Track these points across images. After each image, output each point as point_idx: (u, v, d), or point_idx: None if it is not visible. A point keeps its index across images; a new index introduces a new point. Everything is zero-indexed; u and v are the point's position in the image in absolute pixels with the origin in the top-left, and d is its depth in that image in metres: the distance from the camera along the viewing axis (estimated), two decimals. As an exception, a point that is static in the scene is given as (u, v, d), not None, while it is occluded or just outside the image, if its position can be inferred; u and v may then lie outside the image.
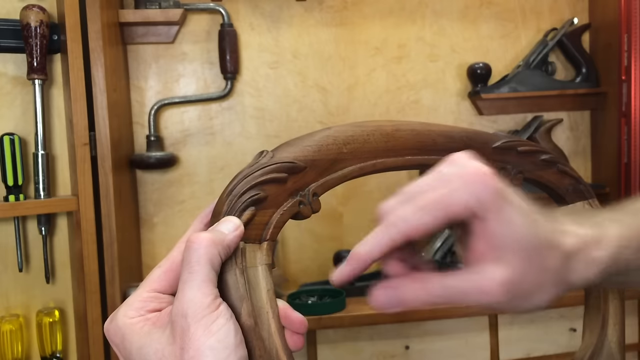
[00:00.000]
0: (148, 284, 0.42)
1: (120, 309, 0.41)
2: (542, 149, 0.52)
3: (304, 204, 0.45)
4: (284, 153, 0.44)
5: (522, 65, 1.44)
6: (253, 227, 0.42)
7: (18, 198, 1.14)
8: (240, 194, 0.42)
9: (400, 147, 0.48)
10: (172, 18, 1.28)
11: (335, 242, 1.43)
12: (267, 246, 0.43)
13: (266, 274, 0.42)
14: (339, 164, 0.46)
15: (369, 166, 0.47)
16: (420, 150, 0.49)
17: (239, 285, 0.40)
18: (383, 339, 1.28)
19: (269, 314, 0.41)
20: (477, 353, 1.31)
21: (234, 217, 0.42)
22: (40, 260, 1.22)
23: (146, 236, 1.38)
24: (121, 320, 0.40)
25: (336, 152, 0.46)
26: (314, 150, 0.45)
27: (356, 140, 0.47)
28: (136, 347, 0.39)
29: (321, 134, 0.46)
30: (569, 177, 0.52)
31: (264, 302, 0.41)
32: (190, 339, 0.36)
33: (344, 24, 1.44)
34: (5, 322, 1.17)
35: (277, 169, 0.43)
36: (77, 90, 1.12)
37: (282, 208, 0.44)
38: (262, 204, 0.43)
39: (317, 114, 1.43)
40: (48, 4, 1.19)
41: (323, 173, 0.45)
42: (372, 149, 0.47)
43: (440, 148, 0.49)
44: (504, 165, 0.50)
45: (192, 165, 1.39)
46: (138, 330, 0.39)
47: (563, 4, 1.51)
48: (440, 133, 0.49)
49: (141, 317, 0.40)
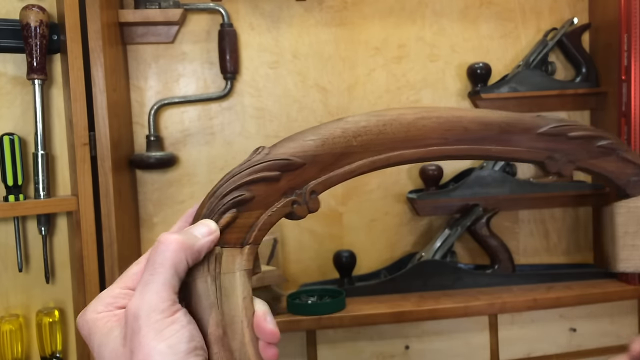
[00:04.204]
0: (122, 281, 0.42)
1: (91, 303, 0.40)
2: (599, 134, 0.45)
3: (299, 203, 0.42)
4: (281, 149, 0.42)
5: (522, 65, 1.44)
6: (234, 230, 0.40)
7: (18, 198, 1.14)
8: (223, 195, 0.41)
9: (422, 137, 0.43)
10: (172, 18, 1.28)
11: (335, 242, 1.43)
12: (249, 250, 0.40)
13: (244, 280, 0.39)
14: (345, 158, 0.42)
15: (383, 160, 0.43)
16: (447, 140, 0.43)
17: (209, 293, 0.38)
18: (383, 339, 1.28)
19: (243, 323, 0.39)
20: (477, 353, 1.31)
21: (210, 221, 0.41)
22: (40, 260, 1.22)
23: (146, 236, 1.38)
24: (89, 315, 0.39)
25: (344, 146, 0.42)
26: (316, 144, 0.42)
27: (370, 131, 0.43)
28: (97, 344, 0.38)
29: (329, 126, 0.43)
30: (633, 165, 0.45)
31: (238, 310, 0.39)
32: (140, 343, 0.35)
33: (344, 24, 1.44)
34: (5, 322, 1.17)
35: (268, 167, 0.41)
36: (76, 90, 1.12)
37: (272, 209, 0.41)
38: (246, 205, 0.40)
39: (317, 114, 1.43)
40: (48, 4, 1.19)
41: (326, 169, 0.42)
42: (389, 140, 0.43)
43: (471, 137, 0.43)
44: (551, 154, 0.44)
45: (192, 165, 1.39)
46: (101, 327, 0.38)
47: (563, 4, 1.51)
48: (473, 119, 0.43)
49: (109, 312, 0.39)
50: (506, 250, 1.40)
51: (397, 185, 1.46)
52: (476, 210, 1.38)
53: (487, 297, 1.30)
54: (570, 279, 1.40)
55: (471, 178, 1.38)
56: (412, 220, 1.47)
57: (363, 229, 1.45)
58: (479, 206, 1.38)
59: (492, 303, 1.28)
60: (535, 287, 1.36)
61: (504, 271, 1.39)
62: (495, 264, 1.40)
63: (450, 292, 1.35)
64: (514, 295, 1.31)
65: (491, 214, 1.39)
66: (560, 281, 1.40)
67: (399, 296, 1.33)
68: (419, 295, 1.34)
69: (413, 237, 1.48)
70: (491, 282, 1.38)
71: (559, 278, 1.40)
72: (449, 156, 0.44)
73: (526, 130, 0.43)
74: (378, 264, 1.45)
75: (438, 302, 1.28)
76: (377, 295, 1.34)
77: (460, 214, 1.41)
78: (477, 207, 1.38)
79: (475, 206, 1.38)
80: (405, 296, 1.33)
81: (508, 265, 1.39)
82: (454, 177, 1.44)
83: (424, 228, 1.48)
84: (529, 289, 1.35)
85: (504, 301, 1.28)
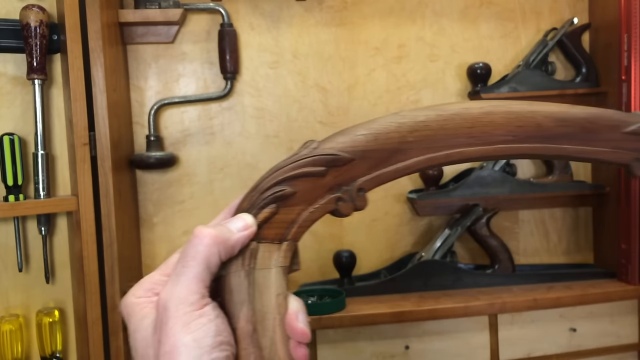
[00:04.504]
0: (163, 268, 0.42)
1: (133, 287, 0.41)
2: None
3: (344, 200, 0.40)
4: (330, 143, 0.39)
5: (522, 65, 1.44)
6: (273, 226, 0.39)
7: (18, 198, 1.14)
8: (264, 189, 0.39)
9: (488, 134, 0.39)
10: (172, 18, 1.28)
11: (335, 242, 1.43)
12: (287, 247, 0.39)
13: (279, 277, 0.39)
14: (399, 154, 0.40)
15: (441, 157, 0.40)
16: (517, 136, 0.40)
17: (241, 288, 0.38)
18: (383, 339, 1.28)
19: (275, 320, 0.38)
20: (477, 353, 1.31)
21: (247, 215, 0.40)
22: (40, 260, 1.22)
23: (146, 236, 1.38)
24: (129, 299, 0.40)
25: (398, 141, 0.40)
26: (367, 139, 0.39)
27: (428, 126, 0.39)
28: (132, 329, 0.39)
29: (385, 120, 0.40)
30: None
31: (271, 307, 0.38)
32: (167, 334, 0.36)
33: (344, 24, 1.44)
34: (5, 322, 1.17)
35: (313, 162, 0.39)
36: (76, 90, 1.12)
37: (314, 205, 0.39)
38: (287, 200, 0.39)
39: (317, 114, 1.43)
40: (48, 4, 1.19)
41: (377, 165, 0.40)
42: (449, 136, 0.39)
43: (546, 134, 0.39)
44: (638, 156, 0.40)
45: (192, 165, 1.39)
46: (138, 312, 0.39)
47: (563, 4, 1.51)
48: (549, 115, 0.40)
49: (147, 298, 0.40)
50: (506, 250, 1.40)
51: (397, 185, 1.46)
52: (476, 210, 1.38)
53: (487, 297, 1.30)
54: (570, 279, 1.40)
55: (471, 178, 1.38)
56: (412, 220, 1.47)
57: (363, 229, 1.45)
58: (479, 206, 1.38)
59: (492, 303, 1.28)
60: (535, 287, 1.36)
61: (504, 271, 1.39)
62: (495, 264, 1.40)
63: (450, 292, 1.35)
64: (514, 295, 1.31)
65: (491, 214, 1.39)
66: (560, 281, 1.40)
67: (399, 296, 1.33)
68: (419, 295, 1.34)
69: (413, 237, 1.48)
70: (491, 282, 1.38)
71: (559, 278, 1.40)
72: (517, 155, 0.40)
73: (611, 128, 0.39)
74: (378, 264, 1.45)
75: (438, 302, 1.28)
76: (377, 295, 1.34)
77: (460, 214, 1.41)
78: (477, 207, 1.38)
79: (475, 206, 1.38)
80: (405, 296, 1.33)
81: (508, 265, 1.39)
82: (454, 177, 1.44)
83: (424, 228, 1.48)
84: (529, 289, 1.35)
85: (504, 301, 1.28)
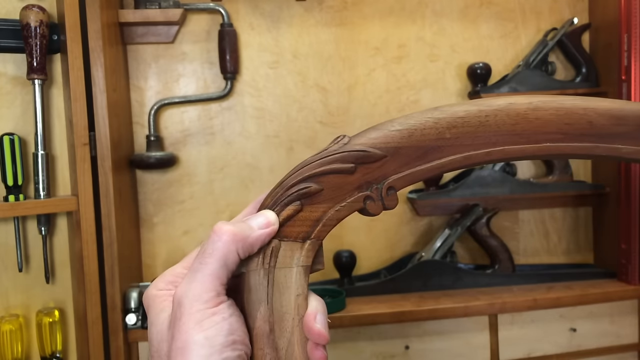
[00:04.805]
0: (186, 261, 0.42)
1: (156, 279, 0.41)
2: None
3: (373, 199, 0.38)
4: (361, 139, 0.38)
5: (522, 65, 1.44)
6: (296, 224, 0.37)
7: (18, 198, 1.14)
8: (289, 186, 0.37)
9: (534, 131, 0.37)
10: (172, 18, 1.28)
11: (335, 242, 1.43)
12: (310, 246, 0.38)
13: (300, 276, 0.37)
14: (435, 152, 0.37)
15: (480, 155, 0.37)
16: (566, 135, 0.37)
17: (259, 287, 0.37)
18: (383, 339, 1.28)
19: (294, 320, 0.37)
20: (477, 353, 1.31)
21: (270, 212, 0.38)
22: (40, 260, 1.22)
23: (146, 236, 1.38)
24: (151, 291, 0.40)
25: (434, 138, 0.37)
26: (401, 135, 0.37)
27: (468, 122, 0.37)
28: (150, 321, 0.39)
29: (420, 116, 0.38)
30: None
31: (290, 307, 0.37)
32: (180, 330, 0.36)
33: (344, 24, 1.44)
34: (5, 322, 1.17)
35: (341, 158, 0.37)
36: (76, 90, 1.12)
37: (341, 203, 0.37)
38: (312, 197, 0.37)
39: (317, 114, 1.43)
40: (48, 4, 1.19)
41: (409, 163, 0.37)
42: (490, 133, 0.37)
43: (599, 132, 0.37)
44: None
45: (192, 165, 1.39)
46: (157, 305, 0.39)
47: (563, 4, 1.51)
48: (603, 112, 0.37)
49: (167, 291, 0.40)
50: (506, 250, 1.40)
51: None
52: (476, 210, 1.38)
53: (487, 297, 1.30)
54: (570, 279, 1.40)
55: (471, 178, 1.38)
56: (412, 220, 1.47)
57: (363, 229, 1.45)
58: (479, 206, 1.38)
59: (492, 303, 1.28)
60: (535, 287, 1.36)
61: (504, 271, 1.39)
62: (495, 264, 1.40)
63: (450, 292, 1.35)
64: (514, 295, 1.31)
65: (491, 214, 1.39)
66: (560, 281, 1.40)
67: (399, 296, 1.33)
68: (419, 295, 1.34)
69: (413, 237, 1.48)
70: (491, 282, 1.38)
71: (559, 278, 1.40)
72: (565, 154, 0.38)
73: None
74: (378, 264, 1.45)
75: (438, 302, 1.28)
76: (377, 295, 1.34)
77: (460, 214, 1.41)
78: (477, 207, 1.38)
79: (475, 206, 1.38)
80: (405, 296, 1.33)
81: (508, 265, 1.39)
82: (454, 177, 1.44)
83: (424, 228, 1.48)
84: (529, 289, 1.35)
85: (504, 301, 1.28)
